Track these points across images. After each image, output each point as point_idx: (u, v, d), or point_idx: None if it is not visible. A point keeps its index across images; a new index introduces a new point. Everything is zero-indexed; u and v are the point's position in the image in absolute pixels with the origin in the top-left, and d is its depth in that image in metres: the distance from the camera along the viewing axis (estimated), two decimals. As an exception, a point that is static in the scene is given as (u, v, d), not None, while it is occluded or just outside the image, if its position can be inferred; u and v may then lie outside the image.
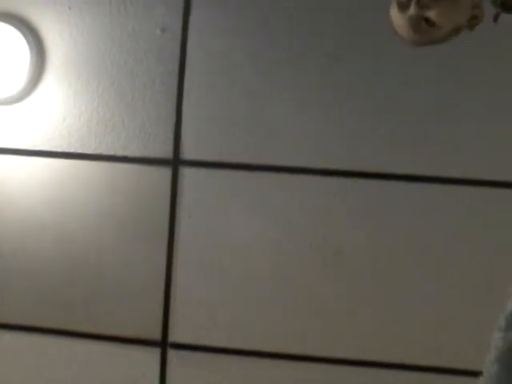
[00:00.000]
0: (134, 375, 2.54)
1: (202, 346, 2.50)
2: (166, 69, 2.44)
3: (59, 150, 2.49)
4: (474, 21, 1.56)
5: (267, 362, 2.47)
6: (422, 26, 1.52)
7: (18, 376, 2.60)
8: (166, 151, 2.45)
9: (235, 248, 2.46)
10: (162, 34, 2.44)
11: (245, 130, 2.42)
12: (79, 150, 2.48)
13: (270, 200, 2.42)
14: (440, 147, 2.34)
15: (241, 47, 2.41)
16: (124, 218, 2.49)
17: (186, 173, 2.46)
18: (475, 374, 2.32)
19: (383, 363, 2.42)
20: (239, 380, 2.50)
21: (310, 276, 2.43)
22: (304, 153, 2.39)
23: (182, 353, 2.51)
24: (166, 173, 2.46)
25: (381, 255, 2.39)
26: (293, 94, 2.39)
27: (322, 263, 2.42)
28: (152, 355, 2.52)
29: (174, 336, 2.51)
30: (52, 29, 2.48)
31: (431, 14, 1.49)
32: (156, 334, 2.51)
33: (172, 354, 2.52)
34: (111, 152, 2.48)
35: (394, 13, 1.58)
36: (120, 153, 2.47)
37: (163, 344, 2.52)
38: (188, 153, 2.45)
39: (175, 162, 2.45)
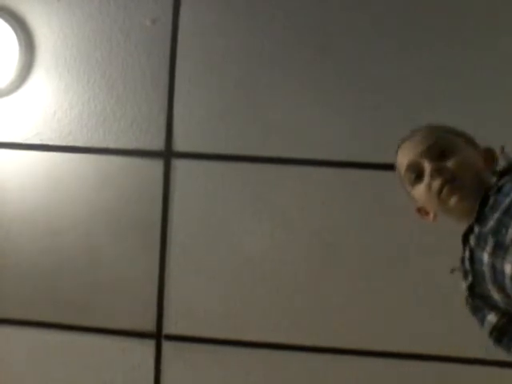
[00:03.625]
0: (129, 367, 2.54)
1: (197, 337, 2.51)
2: (157, 60, 2.43)
3: (50, 143, 2.48)
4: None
5: (262, 352, 2.48)
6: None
7: (13, 370, 2.59)
8: (158, 143, 2.45)
9: (229, 239, 2.46)
10: (152, 26, 2.43)
11: (237, 121, 2.42)
12: (70, 143, 2.47)
13: (264, 191, 2.43)
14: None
15: (232, 38, 2.40)
16: (117, 210, 2.48)
17: (179, 164, 2.46)
18: (481, 362, 2.36)
19: (380, 352, 2.44)
20: (234, 371, 2.51)
21: (305, 267, 2.43)
22: (298, 144, 2.39)
23: (177, 344, 2.52)
24: (158, 165, 2.46)
25: (379, 249, 2.39)
26: (286, 84, 2.39)
27: (318, 256, 2.42)
28: (147, 347, 2.52)
29: (169, 328, 2.51)
30: (41, 21, 2.46)
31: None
32: (150, 326, 2.51)
33: (167, 345, 2.52)
34: (103, 145, 2.47)
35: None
36: (112, 145, 2.46)
37: (158, 336, 2.52)
38: (180, 145, 2.45)
39: (167, 154, 2.45)
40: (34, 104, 2.47)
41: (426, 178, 1.51)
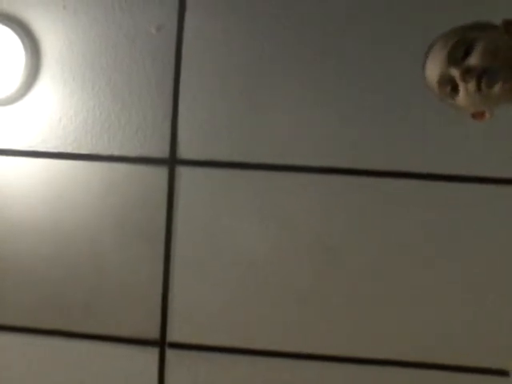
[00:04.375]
0: (132, 375, 2.54)
1: (201, 345, 2.50)
2: (162, 67, 2.43)
3: (55, 150, 2.49)
4: None
5: (266, 360, 2.48)
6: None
7: (17, 377, 2.60)
8: (163, 150, 2.45)
9: (233, 247, 2.45)
10: (157, 33, 2.43)
11: (241, 129, 2.41)
12: (75, 151, 2.48)
13: (268, 199, 2.42)
14: (440, 145, 2.33)
15: (237, 45, 2.40)
16: (121, 217, 2.49)
17: (183, 172, 2.46)
18: (475, 370, 2.35)
19: (383, 361, 2.42)
20: (238, 379, 2.51)
21: (309, 275, 2.43)
22: (302, 151, 2.38)
23: (181, 352, 2.52)
24: (162, 172, 2.46)
25: (380, 254, 2.38)
26: (289, 92, 2.38)
27: (320, 262, 2.42)
28: (150, 355, 2.53)
29: (173, 335, 2.51)
30: (47, 29, 2.47)
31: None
32: (154, 334, 2.51)
33: (170, 353, 2.52)
34: (108, 152, 2.47)
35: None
36: (116, 153, 2.47)
37: (162, 343, 2.52)
38: (184, 152, 2.45)
39: (172, 161, 2.45)
40: (39, 111, 2.48)
41: (461, 86, 1.45)
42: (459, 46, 1.47)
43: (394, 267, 2.38)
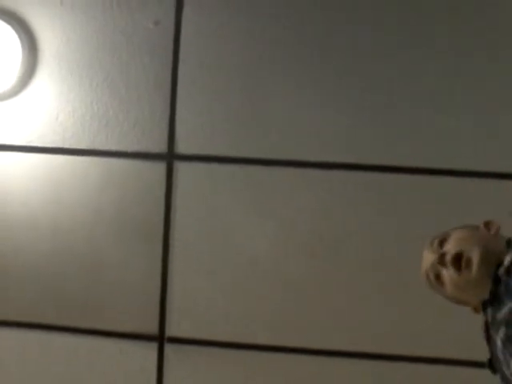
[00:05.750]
0: (131, 370, 2.53)
1: (200, 340, 2.50)
2: (160, 63, 2.44)
3: (53, 145, 2.48)
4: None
5: (265, 355, 2.48)
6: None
7: (15, 372, 2.59)
8: (161, 146, 2.45)
9: (231, 242, 2.46)
10: (154, 28, 2.44)
11: (240, 124, 2.42)
12: (73, 146, 2.48)
13: (266, 194, 2.42)
14: (440, 139, 2.34)
15: (234, 40, 2.40)
16: (119, 213, 2.48)
17: (181, 167, 2.46)
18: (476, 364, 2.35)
19: (384, 355, 2.43)
20: (237, 374, 2.51)
21: (308, 269, 2.43)
22: (301, 146, 2.39)
23: (180, 347, 2.51)
24: (160, 167, 2.46)
25: (378, 249, 2.39)
26: (288, 86, 2.39)
27: (319, 257, 2.42)
28: (149, 350, 2.52)
29: (171, 330, 2.51)
30: (44, 24, 2.47)
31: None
32: (153, 329, 2.51)
33: (169, 348, 2.52)
34: (105, 147, 2.47)
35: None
36: (114, 148, 2.47)
37: (160, 338, 2.51)
38: (182, 147, 2.45)
39: (170, 157, 2.45)
40: (36, 107, 2.48)
41: (443, 272, 1.54)
42: (436, 239, 1.59)
43: (392, 262, 2.39)
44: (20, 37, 2.44)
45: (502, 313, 1.36)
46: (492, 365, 1.46)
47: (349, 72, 2.36)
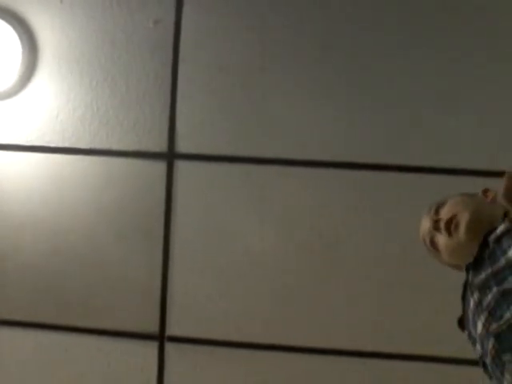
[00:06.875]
0: (132, 369, 2.54)
1: (200, 338, 2.51)
2: (160, 62, 2.44)
3: (53, 145, 2.48)
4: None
5: (265, 354, 2.48)
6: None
7: (16, 371, 2.59)
8: (161, 145, 2.45)
9: (231, 240, 2.46)
10: (154, 27, 2.43)
11: (240, 123, 2.42)
12: (73, 145, 2.48)
13: (266, 192, 2.43)
14: (440, 138, 2.35)
15: (234, 39, 2.40)
16: (119, 212, 2.49)
17: (181, 166, 2.46)
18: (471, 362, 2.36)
19: (383, 354, 2.44)
20: (237, 372, 2.51)
21: (307, 268, 2.43)
22: (301, 145, 2.39)
23: (180, 346, 2.52)
24: (161, 166, 2.46)
25: (377, 247, 2.39)
26: (288, 85, 2.39)
27: (319, 256, 2.42)
28: (150, 349, 2.53)
29: (172, 329, 2.51)
30: (44, 23, 2.47)
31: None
32: (154, 328, 2.51)
33: (170, 347, 2.53)
34: (106, 146, 2.47)
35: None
36: (115, 147, 2.47)
37: (161, 337, 2.52)
38: (183, 146, 2.45)
39: (170, 156, 2.45)
40: (36, 106, 2.48)
41: (437, 236, 1.57)
42: (433, 205, 1.63)
43: (391, 261, 2.40)
44: (20, 36, 2.44)
45: (479, 278, 1.38)
46: (462, 323, 1.49)
47: (349, 71, 2.37)
